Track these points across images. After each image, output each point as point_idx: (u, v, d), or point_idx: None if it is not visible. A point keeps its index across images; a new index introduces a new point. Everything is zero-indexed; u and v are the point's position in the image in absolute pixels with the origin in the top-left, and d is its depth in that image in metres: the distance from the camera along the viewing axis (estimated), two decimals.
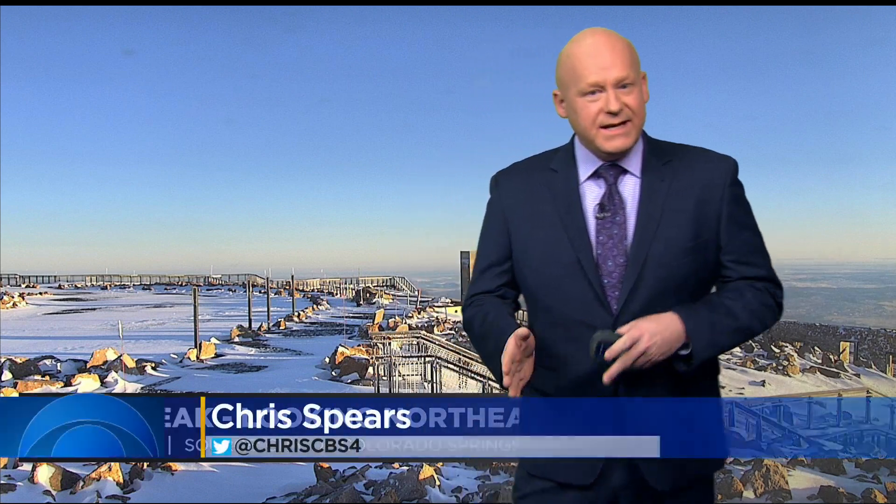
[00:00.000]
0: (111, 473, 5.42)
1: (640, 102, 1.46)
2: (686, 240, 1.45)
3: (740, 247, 1.48)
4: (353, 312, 30.21)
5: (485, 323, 1.54)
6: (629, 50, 1.45)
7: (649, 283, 1.44)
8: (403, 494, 4.71)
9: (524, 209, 1.54)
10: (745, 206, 1.51)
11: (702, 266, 1.48)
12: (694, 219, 1.46)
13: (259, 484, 5.80)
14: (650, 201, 1.47)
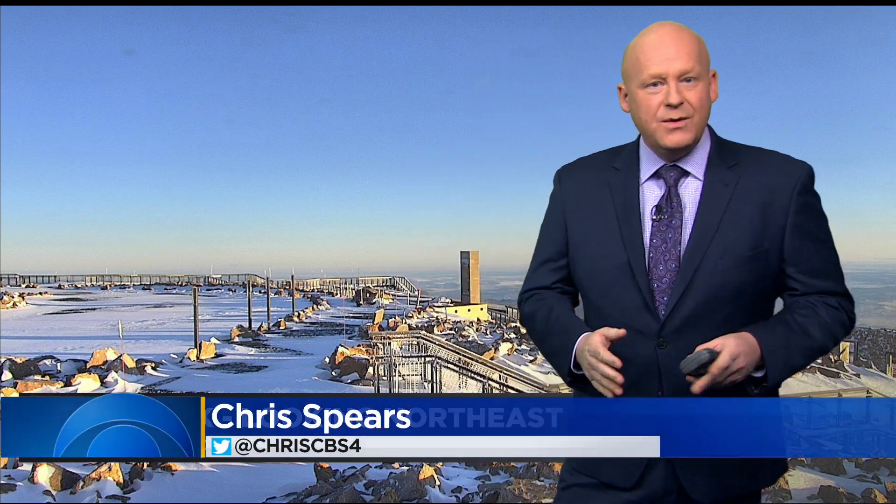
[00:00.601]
0: (111, 473, 5.42)
1: (703, 99, 1.41)
2: (745, 248, 1.40)
3: (808, 259, 1.42)
4: (353, 312, 30.20)
5: (549, 320, 1.54)
6: (697, 44, 1.41)
7: (701, 291, 1.40)
8: (403, 494, 4.71)
9: (583, 207, 1.53)
10: (816, 216, 1.44)
11: (761, 276, 1.41)
12: (756, 226, 1.40)
13: (259, 484, 5.80)
14: (710, 206, 1.42)
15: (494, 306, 39.66)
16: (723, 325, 1.40)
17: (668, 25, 1.42)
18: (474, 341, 22.54)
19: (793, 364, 1.39)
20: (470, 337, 23.60)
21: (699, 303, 1.40)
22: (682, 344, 1.41)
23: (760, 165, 1.44)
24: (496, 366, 17.19)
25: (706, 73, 1.42)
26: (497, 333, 26.35)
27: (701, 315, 1.41)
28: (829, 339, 1.42)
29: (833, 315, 1.43)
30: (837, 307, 1.44)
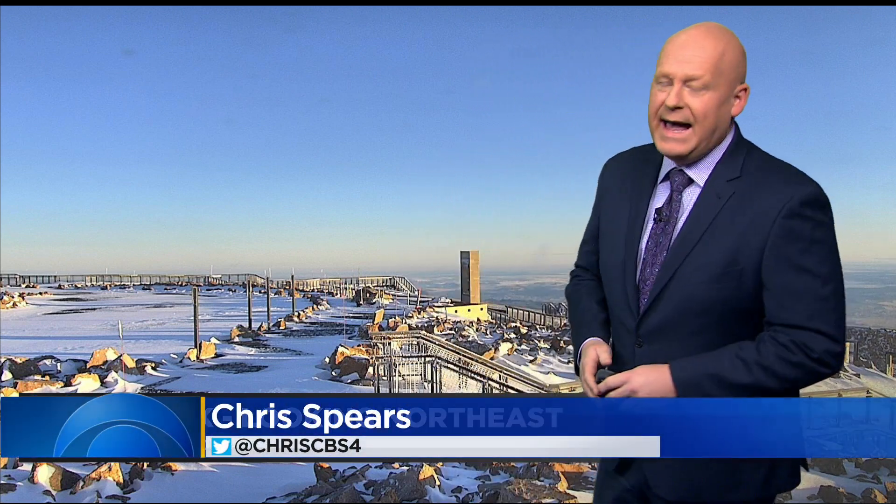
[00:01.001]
0: (111, 473, 5.42)
1: (708, 109, 1.38)
2: (718, 265, 1.38)
3: (780, 287, 1.35)
4: (353, 312, 30.19)
5: (576, 312, 1.63)
6: (720, 54, 1.37)
7: (674, 300, 1.42)
8: (403, 494, 4.71)
9: (611, 199, 1.57)
10: (802, 242, 1.33)
11: (733, 295, 1.38)
12: (734, 244, 1.37)
13: (259, 484, 5.80)
14: (698, 217, 1.41)
15: (494, 306, 39.68)
16: (694, 335, 1.42)
17: (699, 28, 1.40)
18: (474, 341, 22.54)
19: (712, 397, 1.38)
20: (470, 337, 23.60)
21: (671, 311, 1.43)
22: (656, 347, 1.46)
23: (760, 181, 1.38)
24: (496, 366, 17.19)
25: (724, 84, 1.39)
26: (497, 333, 26.35)
27: (672, 323, 1.43)
28: (768, 378, 1.35)
29: (777, 351, 1.34)
30: (788, 344, 1.34)
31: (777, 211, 1.34)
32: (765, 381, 1.35)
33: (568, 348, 22.71)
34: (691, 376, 1.38)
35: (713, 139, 1.42)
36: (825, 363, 1.33)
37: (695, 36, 1.39)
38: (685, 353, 1.42)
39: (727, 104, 1.40)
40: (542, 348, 22.67)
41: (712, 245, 1.39)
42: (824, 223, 1.34)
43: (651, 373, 1.41)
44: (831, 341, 1.32)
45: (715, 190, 1.41)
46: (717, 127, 1.41)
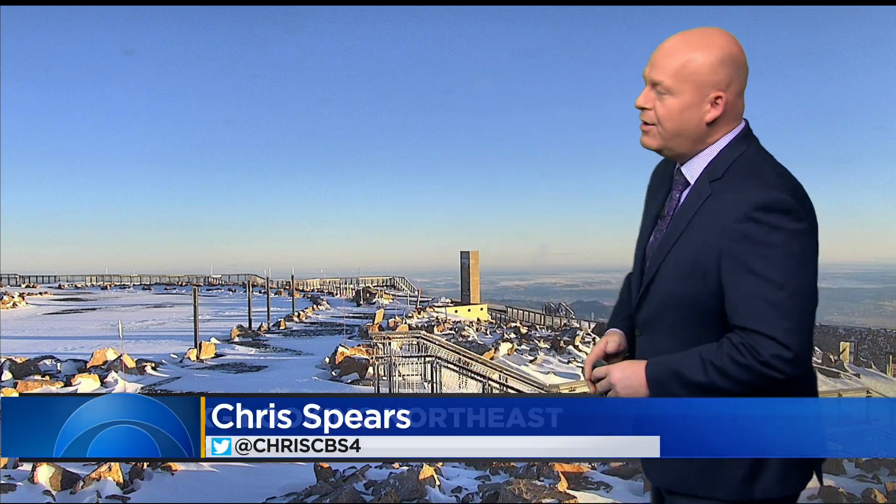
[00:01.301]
0: (111, 473, 5.42)
1: (670, 113, 1.44)
2: (687, 263, 1.43)
3: (732, 289, 1.37)
4: (353, 312, 30.20)
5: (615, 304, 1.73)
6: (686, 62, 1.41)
7: (655, 295, 1.51)
8: (403, 494, 4.71)
9: (648, 200, 1.65)
10: (754, 246, 1.34)
11: (700, 293, 1.42)
12: (700, 244, 1.41)
13: (259, 484, 5.80)
14: (680, 216, 1.47)
15: (494, 306, 39.67)
16: (674, 329, 1.48)
17: (679, 35, 1.45)
18: (474, 341, 22.54)
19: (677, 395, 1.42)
20: (470, 337, 23.60)
21: (654, 305, 1.51)
22: (647, 337, 1.55)
23: (733, 183, 1.40)
24: (496, 366, 17.19)
25: (690, 91, 1.42)
26: (497, 333, 26.35)
27: (655, 316, 1.51)
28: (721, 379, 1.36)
29: (728, 353, 1.36)
30: (738, 346, 1.35)
31: (732, 214, 1.36)
32: (718, 382, 1.37)
33: (568, 348, 22.73)
34: (659, 373, 1.43)
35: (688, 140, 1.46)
36: (773, 367, 1.33)
37: (671, 42, 1.44)
38: (669, 345, 1.47)
39: (694, 110, 1.43)
40: (542, 348, 22.67)
41: (686, 245, 1.44)
42: (782, 228, 1.33)
43: (629, 368, 1.47)
44: (780, 346, 1.32)
45: (698, 190, 1.46)
46: (683, 130, 1.45)
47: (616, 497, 4.87)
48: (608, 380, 1.50)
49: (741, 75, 1.44)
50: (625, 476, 5.42)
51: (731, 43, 1.43)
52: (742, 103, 1.48)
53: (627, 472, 5.48)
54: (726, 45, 1.42)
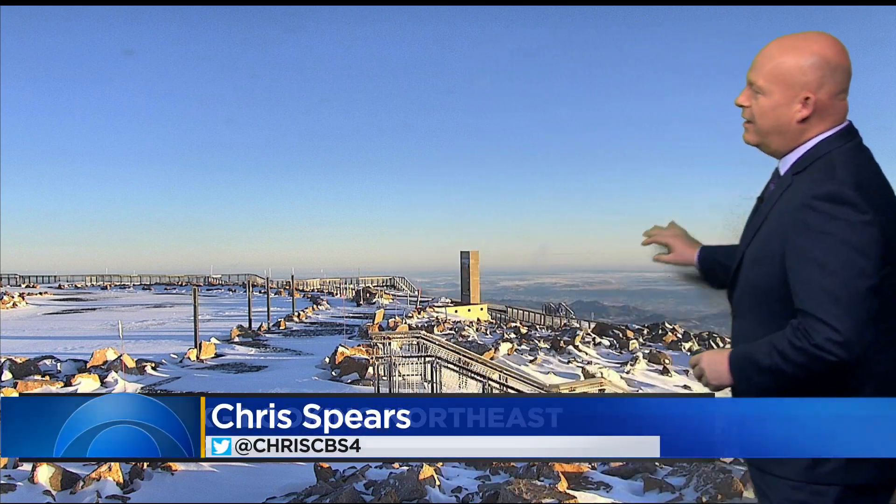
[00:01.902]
0: (111, 473, 5.42)
1: (763, 111, 1.54)
2: (761, 250, 1.53)
3: (791, 274, 1.45)
4: (353, 312, 30.20)
5: None
6: (778, 63, 1.51)
7: (739, 282, 1.60)
8: (403, 494, 4.71)
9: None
10: (811, 233, 1.41)
11: (771, 278, 1.50)
12: (771, 232, 1.51)
13: (259, 484, 5.80)
14: (765, 206, 1.57)
15: (494, 306, 39.68)
16: (751, 312, 1.57)
17: (776, 40, 1.55)
18: (474, 341, 22.54)
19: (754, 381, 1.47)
20: (470, 337, 23.60)
21: (738, 290, 1.61)
22: (737, 322, 1.63)
23: (809, 176, 1.49)
24: (496, 366, 17.19)
25: (777, 91, 1.52)
26: (497, 333, 26.36)
27: (739, 300, 1.61)
28: (784, 362, 1.42)
29: (788, 336, 1.42)
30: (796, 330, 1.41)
31: (796, 204, 1.45)
32: (780, 365, 1.42)
33: (568, 348, 22.72)
34: (738, 359, 1.50)
35: (782, 137, 1.55)
36: (826, 350, 1.37)
37: (769, 46, 1.55)
38: (750, 328, 1.56)
39: (784, 108, 1.52)
40: (542, 348, 22.67)
41: (764, 232, 1.54)
42: (839, 218, 1.39)
43: (716, 355, 1.55)
44: (831, 330, 1.36)
45: (782, 182, 1.55)
46: (776, 128, 1.54)
47: (616, 497, 4.87)
48: (699, 366, 1.57)
49: (836, 77, 1.50)
50: (625, 476, 5.42)
51: (826, 47, 1.50)
52: (841, 104, 1.53)
53: (627, 472, 5.49)
54: (820, 49, 1.49)
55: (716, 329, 26.83)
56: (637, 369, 20.13)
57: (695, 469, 5.11)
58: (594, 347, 24.09)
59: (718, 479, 4.87)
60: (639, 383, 18.67)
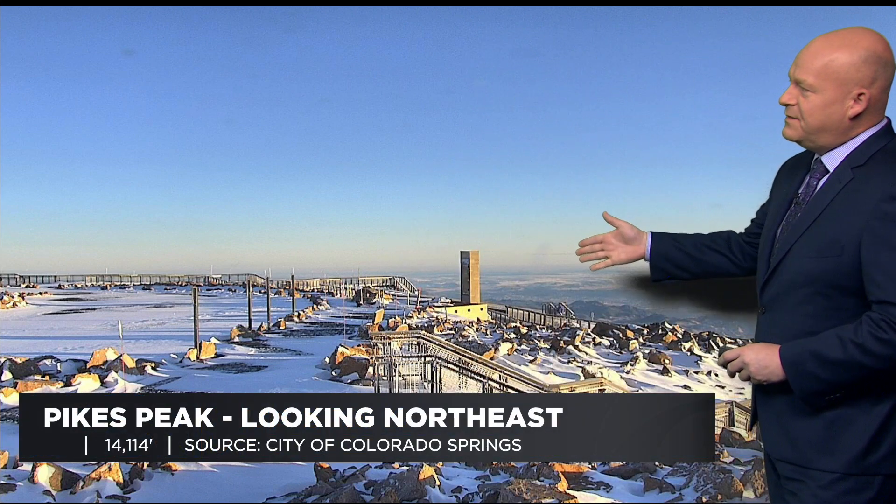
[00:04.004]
0: (111, 473, 5.42)
1: (812, 109, 1.52)
2: (823, 241, 1.50)
3: (874, 265, 1.43)
4: (353, 312, 30.19)
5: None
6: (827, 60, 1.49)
7: (785, 273, 1.57)
8: (403, 494, 4.71)
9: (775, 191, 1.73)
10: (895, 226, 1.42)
11: (832, 270, 1.48)
12: (841, 224, 1.47)
13: (259, 484, 5.80)
14: (819, 199, 1.55)
15: (494, 306, 39.66)
16: (799, 305, 1.54)
17: (822, 37, 1.54)
18: (474, 341, 22.53)
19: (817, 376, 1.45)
20: (470, 337, 23.60)
21: (783, 282, 1.57)
22: (771, 315, 1.61)
23: (877, 170, 1.48)
24: (496, 366, 17.18)
25: (833, 88, 1.50)
26: (497, 333, 26.36)
27: (783, 293, 1.58)
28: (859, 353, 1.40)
29: (869, 329, 1.41)
30: (878, 322, 1.40)
31: (878, 196, 1.44)
32: (858, 358, 1.40)
33: (568, 348, 22.72)
34: (796, 354, 1.48)
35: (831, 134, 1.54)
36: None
37: (815, 43, 1.53)
38: (792, 321, 1.55)
39: (836, 106, 1.51)
40: (542, 348, 22.67)
41: (824, 225, 1.50)
42: None
43: (763, 350, 1.53)
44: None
45: (838, 176, 1.53)
46: (826, 125, 1.53)
47: (616, 497, 4.87)
48: (740, 360, 1.55)
49: (886, 72, 1.51)
50: (625, 476, 5.42)
51: (876, 42, 1.50)
52: (886, 99, 1.54)
53: (627, 472, 5.49)
54: (870, 44, 1.49)
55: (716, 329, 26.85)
56: (637, 369, 20.13)
57: (695, 469, 5.11)
58: (594, 347, 24.09)
59: (718, 479, 4.87)
60: (639, 383, 18.67)
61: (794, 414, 1.53)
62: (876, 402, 1.46)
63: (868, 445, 1.46)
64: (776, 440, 1.59)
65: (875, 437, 1.46)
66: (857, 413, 1.47)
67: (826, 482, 1.49)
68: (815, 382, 1.45)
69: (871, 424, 1.46)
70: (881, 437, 1.46)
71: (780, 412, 1.57)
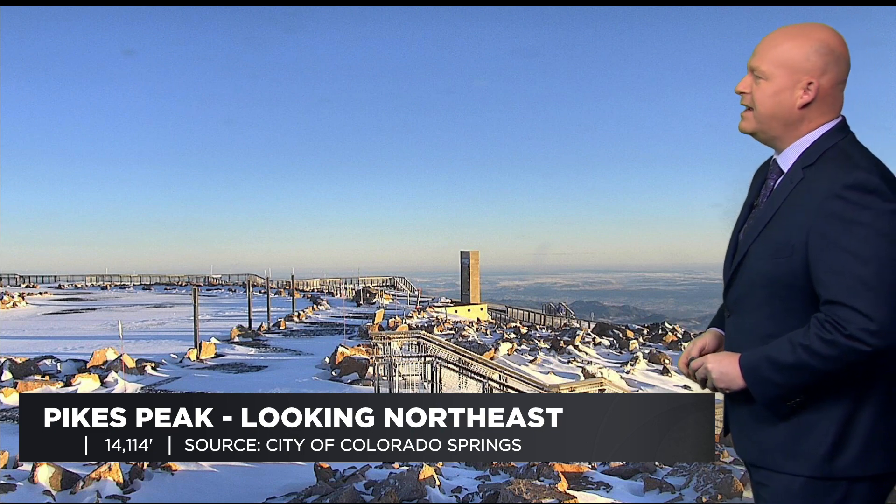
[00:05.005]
0: (111, 473, 5.42)
1: (764, 97, 1.53)
2: (776, 242, 1.48)
3: (821, 265, 1.40)
4: (353, 312, 30.18)
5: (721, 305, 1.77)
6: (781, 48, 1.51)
7: (744, 278, 1.56)
8: (403, 494, 4.71)
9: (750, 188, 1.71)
10: (842, 223, 1.38)
11: (789, 272, 1.46)
12: (791, 224, 1.46)
13: (259, 484, 5.80)
14: (772, 200, 1.54)
15: (494, 306, 39.66)
16: (760, 307, 1.53)
17: (779, 28, 1.55)
18: (474, 341, 22.52)
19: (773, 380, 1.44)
20: (470, 337, 23.59)
21: (743, 285, 1.57)
22: (737, 318, 1.60)
23: (824, 168, 1.46)
24: (496, 366, 17.18)
25: (781, 76, 1.51)
26: (497, 333, 26.34)
27: (744, 295, 1.57)
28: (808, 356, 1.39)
29: (815, 331, 1.39)
30: (823, 322, 1.38)
31: (823, 193, 1.42)
32: (807, 360, 1.39)
33: (568, 348, 22.71)
34: (752, 361, 1.48)
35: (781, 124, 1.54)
36: (858, 339, 1.34)
37: (772, 33, 1.55)
38: (754, 324, 1.54)
39: (786, 93, 1.51)
40: (542, 348, 22.66)
41: (777, 226, 1.50)
42: (870, 207, 1.37)
43: (725, 359, 1.54)
44: (864, 318, 1.34)
45: (791, 176, 1.52)
46: (776, 113, 1.53)
47: (616, 497, 4.87)
48: (703, 369, 1.56)
49: (838, 67, 1.50)
50: (625, 476, 5.42)
51: (830, 36, 1.51)
52: (840, 96, 1.53)
53: (627, 472, 5.48)
54: (824, 36, 1.50)
55: None
56: (637, 369, 20.12)
57: (695, 469, 5.11)
58: (594, 347, 24.09)
59: (718, 479, 4.86)
60: (639, 383, 18.67)
61: (760, 419, 1.52)
62: (837, 404, 1.44)
63: (832, 449, 1.44)
64: (745, 445, 1.59)
65: (838, 440, 1.44)
66: (820, 416, 1.45)
67: (792, 486, 1.48)
68: (772, 388, 1.45)
69: (833, 427, 1.44)
70: (845, 440, 1.44)
71: (747, 418, 1.56)
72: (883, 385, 1.45)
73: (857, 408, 1.44)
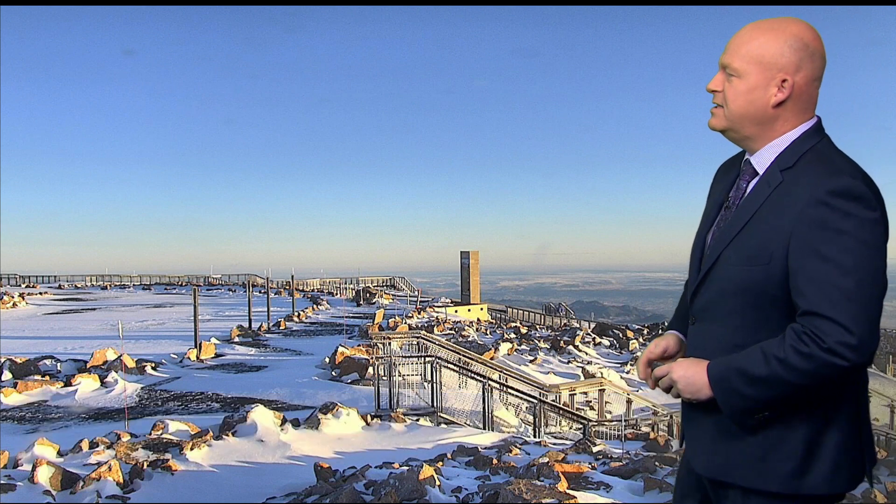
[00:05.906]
0: (111, 473, 5.42)
1: (735, 95, 1.47)
2: (752, 248, 1.42)
3: (800, 273, 1.34)
4: (353, 312, 30.17)
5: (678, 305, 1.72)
6: (753, 45, 1.44)
7: (715, 281, 1.49)
8: (403, 494, 4.70)
9: (710, 194, 1.66)
10: (824, 231, 1.32)
11: (764, 279, 1.39)
12: (769, 229, 1.39)
13: (259, 484, 5.80)
14: (748, 203, 1.47)
15: (494, 306, 39.66)
16: (730, 315, 1.47)
17: (751, 23, 1.49)
18: (474, 341, 22.52)
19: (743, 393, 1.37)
20: (470, 337, 23.59)
21: (713, 291, 1.50)
22: (703, 325, 1.53)
23: (805, 172, 1.39)
24: (496, 366, 17.17)
25: (754, 73, 1.44)
26: (497, 333, 26.34)
27: (713, 302, 1.50)
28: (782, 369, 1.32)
29: (791, 343, 1.32)
30: (800, 334, 1.31)
31: (805, 200, 1.35)
32: (781, 374, 1.32)
33: (568, 348, 22.71)
34: (721, 371, 1.41)
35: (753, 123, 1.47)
36: (837, 354, 1.28)
37: (743, 29, 1.49)
38: (722, 333, 1.48)
39: (760, 91, 1.45)
40: (542, 348, 22.66)
41: (753, 231, 1.43)
42: (854, 215, 1.31)
43: (691, 367, 1.46)
44: (845, 331, 1.28)
45: (768, 179, 1.45)
46: (749, 112, 1.46)
47: (616, 497, 4.87)
48: (669, 377, 1.50)
49: (813, 63, 1.43)
50: (625, 476, 5.42)
51: (804, 30, 1.43)
52: (815, 94, 1.47)
53: (627, 472, 5.48)
54: (798, 31, 1.43)
55: None
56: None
57: None
58: (594, 347, 24.09)
59: None
60: (639, 383, 18.66)
61: (726, 432, 1.45)
62: (807, 419, 1.39)
63: (800, 465, 1.39)
64: (708, 459, 1.51)
65: (807, 456, 1.39)
66: (789, 432, 1.39)
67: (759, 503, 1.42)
68: (741, 400, 1.37)
69: (802, 444, 1.39)
70: (814, 457, 1.39)
71: (712, 430, 1.48)
72: (852, 399, 1.42)
73: (827, 423, 1.39)
